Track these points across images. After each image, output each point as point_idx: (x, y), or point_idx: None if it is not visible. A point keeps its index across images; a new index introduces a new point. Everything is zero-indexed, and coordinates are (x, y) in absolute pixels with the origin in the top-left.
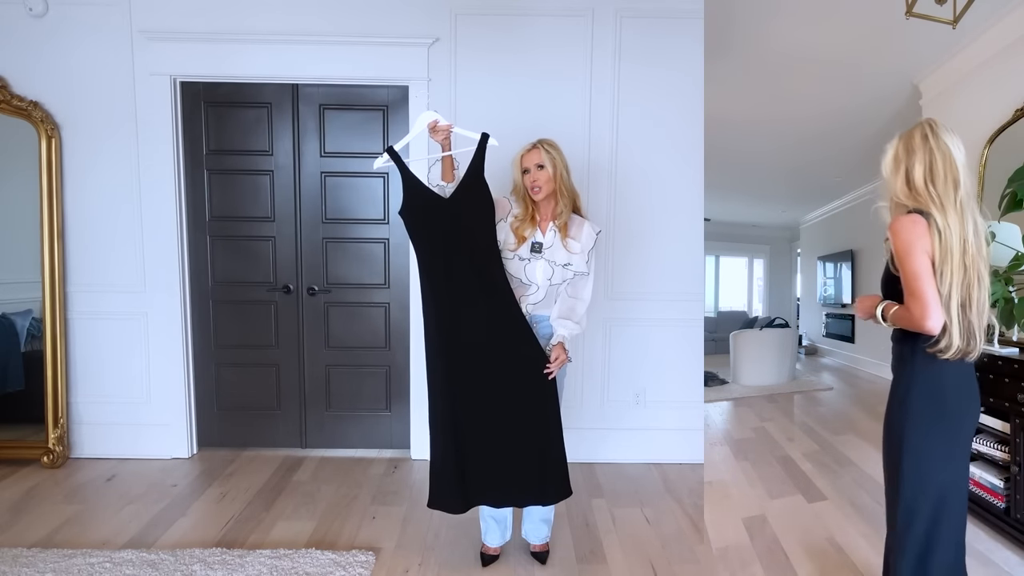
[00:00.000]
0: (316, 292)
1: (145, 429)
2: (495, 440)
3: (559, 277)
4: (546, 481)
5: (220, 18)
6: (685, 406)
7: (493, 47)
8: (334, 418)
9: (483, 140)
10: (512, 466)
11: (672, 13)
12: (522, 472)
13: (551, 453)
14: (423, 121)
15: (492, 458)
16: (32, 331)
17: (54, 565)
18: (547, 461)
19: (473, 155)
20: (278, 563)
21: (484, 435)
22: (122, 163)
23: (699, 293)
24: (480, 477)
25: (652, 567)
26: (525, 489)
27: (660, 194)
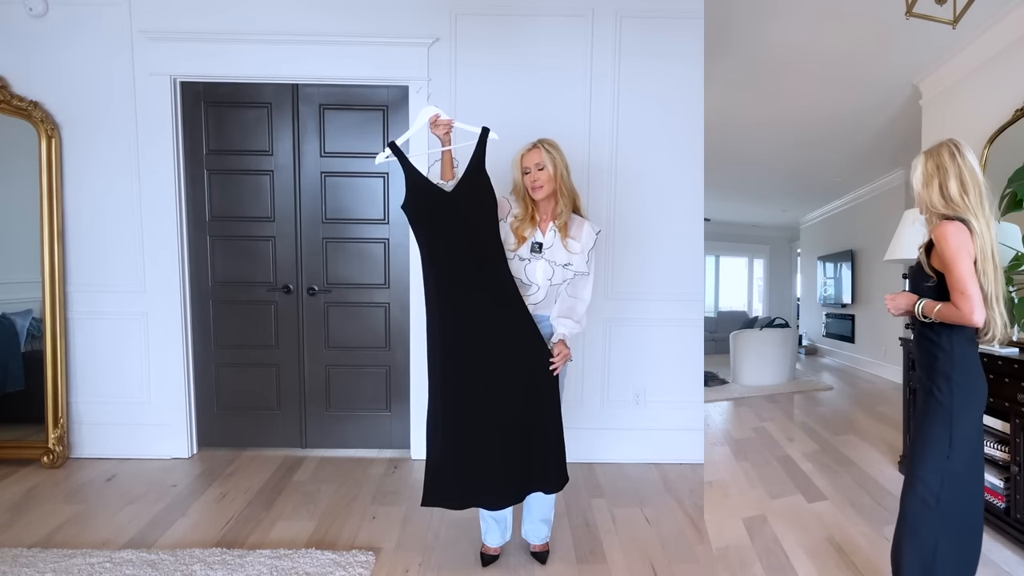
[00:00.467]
0: (316, 292)
1: (145, 429)
2: (497, 434)
3: (559, 277)
4: (548, 470)
5: (220, 18)
6: (685, 406)
7: (493, 47)
8: (334, 418)
9: (484, 134)
10: (514, 460)
11: (672, 13)
12: (524, 465)
13: (552, 445)
14: (424, 116)
15: (494, 452)
16: (32, 331)
17: (54, 565)
18: (548, 453)
19: (474, 149)
20: (278, 563)
21: (486, 429)
22: (122, 163)
23: (699, 293)
24: (480, 474)
25: (652, 567)
26: (527, 480)
27: (660, 194)
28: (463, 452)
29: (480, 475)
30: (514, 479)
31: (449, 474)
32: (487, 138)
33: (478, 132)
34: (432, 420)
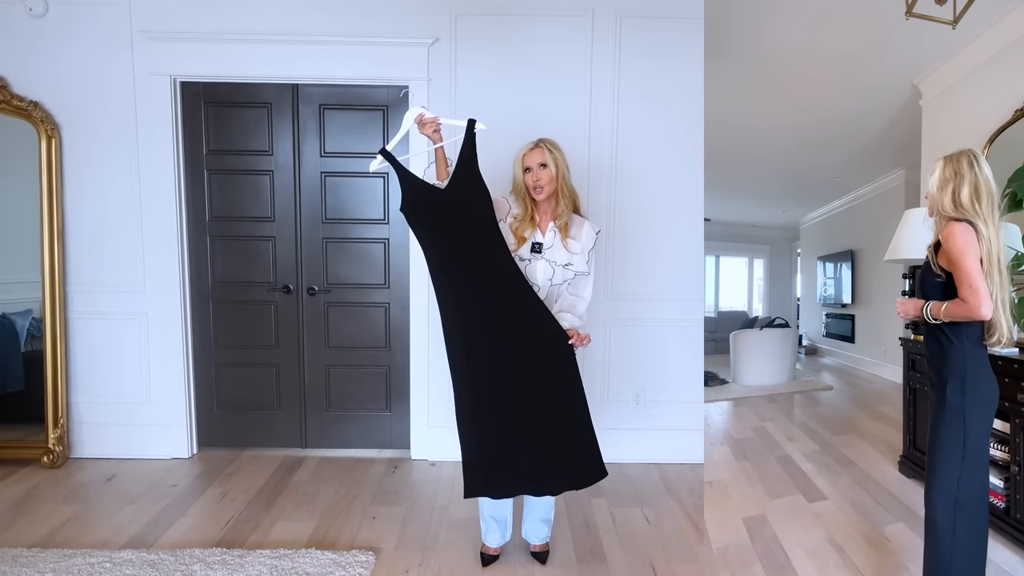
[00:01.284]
0: (316, 292)
1: (145, 429)
2: (524, 425)
3: (560, 277)
4: (577, 463)
5: (220, 18)
6: (685, 406)
7: (493, 47)
8: (334, 418)
9: (470, 126)
10: (543, 450)
11: (672, 13)
12: (553, 456)
13: (580, 434)
14: (410, 118)
15: (522, 443)
16: (32, 331)
17: (54, 565)
18: (577, 442)
19: (462, 142)
20: (278, 563)
21: (513, 421)
22: (122, 163)
23: (699, 293)
24: (512, 465)
25: (652, 567)
26: (558, 472)
27: (660, 194)
28: (496, 443)
29: (513, 464)
30: (548, 467)
31: (486, 465)
32: (474, 129)
33: (464, 126)
34: (461, 415)
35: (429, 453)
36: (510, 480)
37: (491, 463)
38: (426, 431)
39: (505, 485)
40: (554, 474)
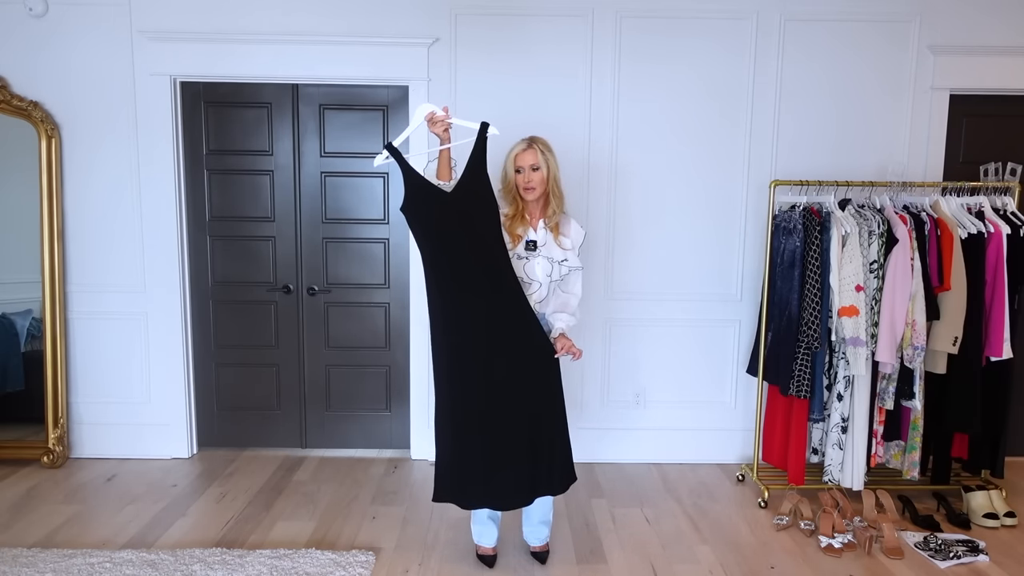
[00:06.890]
0: (316, 292)
1: (145, 429)
2: (505, 432)
3: (558, 273)
4: (553, 471)
5: (220, 18)
6: (685, 406)
7: (493, 47)
8: (334, 418)
9: (483, 129)
10: (521, 459)
11: (672, 12)
12: (531, 466)
13: (559, 443)
14: (421, 113)
15: (502, 451)
16: (32, 331)
17: (54, 565)
18: (555, 451)
19: (474, 146)
20: (278, 563)
21: (494, 427)
22: (122, 163)
23: (698, 293)
24: (489, 473)
25: (652, 567)
26: (536, 482)
27: (660, 194)
28: (472, 451)
29: (488, 474)
30: (523, 479)
31: (458, 472)
32: (487, 134)
33: (477, 128)
34: (440, 419)
35: (429, 453)
36: (480, 492)
37: (465, 472)
38: (426, 431)
39: (477, 495)
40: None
